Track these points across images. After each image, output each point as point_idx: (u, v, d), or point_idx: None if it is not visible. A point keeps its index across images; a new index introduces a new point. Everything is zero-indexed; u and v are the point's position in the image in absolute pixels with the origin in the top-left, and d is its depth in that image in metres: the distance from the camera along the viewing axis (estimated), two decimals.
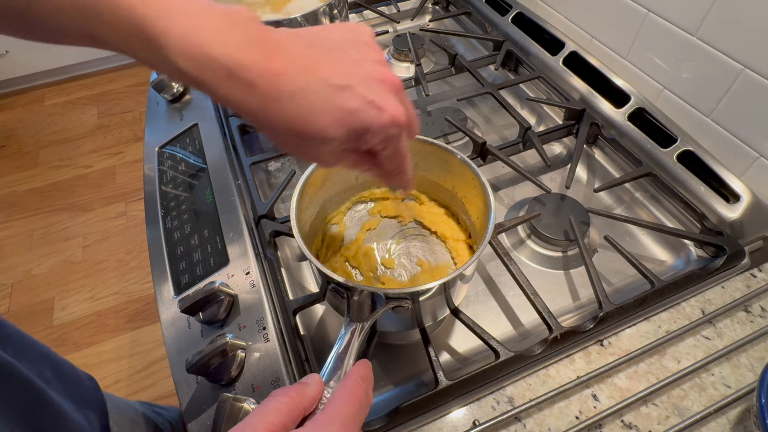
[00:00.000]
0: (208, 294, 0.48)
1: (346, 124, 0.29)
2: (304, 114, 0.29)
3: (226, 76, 0.27)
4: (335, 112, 0.29)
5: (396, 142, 0.32)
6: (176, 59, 0.26)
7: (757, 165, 0.59)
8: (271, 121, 0.29)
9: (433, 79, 0.80)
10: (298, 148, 0.31)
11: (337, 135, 0.29)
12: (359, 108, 0.29)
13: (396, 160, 0.34)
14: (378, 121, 0.30)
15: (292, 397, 0.28)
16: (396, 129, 0.31)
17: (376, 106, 0.30)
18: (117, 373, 1.38)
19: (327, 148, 0.30)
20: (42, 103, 2.28)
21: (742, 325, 0.50)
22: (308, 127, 0.29)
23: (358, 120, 0.29)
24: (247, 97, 0.28)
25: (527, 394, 0.46)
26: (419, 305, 0.42)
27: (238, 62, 0.27)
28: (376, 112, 0.30)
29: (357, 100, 0.29)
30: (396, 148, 0.33)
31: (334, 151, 0.31)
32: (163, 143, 0.72)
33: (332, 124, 0.29)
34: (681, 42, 0.63)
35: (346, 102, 0.29)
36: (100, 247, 1.70)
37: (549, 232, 0.58)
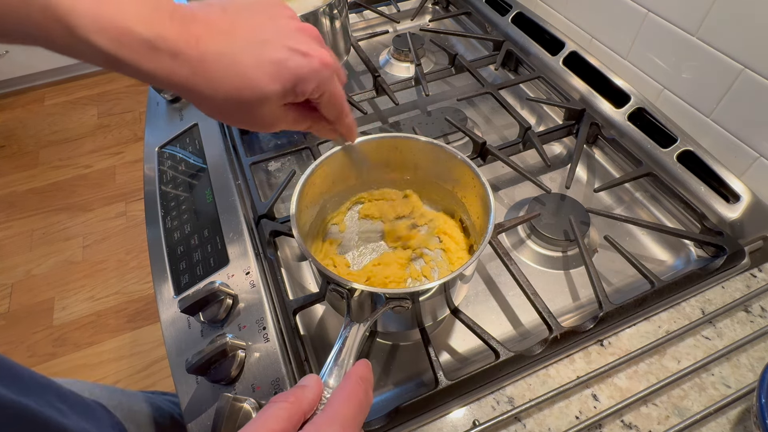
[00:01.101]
0: (208, 294, 0.48)
1: (278, 76, 0.30)
2: (235, 73, 0.29)
3: (147, 50, 0.27)
4: (266, 66, 0.29)
5: (330, 84, 0.33)
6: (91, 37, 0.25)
7: (757, 165, 0.59)
8: (201, 89, 0.29)
9: (433, 79, 0.80)
10: (240, 115, 0.31)
11: (273, 89, 0.30)
12: (287, 57, 0.30)
13: (335, 104, 0.35)
14: (308, 65, 0.30)
15: (291, 402, 0.28)
16: (327, 70, 0.32)
17: (301, 52, 0.30)
18: (117, 373, 1.38)
19: (266, 107, 0.31)
20: (42, 103, 2.28)
21: (742, 325, 0.50)
22: (242, 85, 0.29)
23: (289, 69, 0.30)
24: (174, 67, 0.28)
25: (527, 394, 0.46)
26: (419, 305, 0.42)
27: (158, 33, 0.27)
28: (303, 58, 0.30)
29: (282, 51, 0.30)
30: (332, 92, 0.33)
31: (274, 110, 0.31)
32: (163, 143, 0.72)
33: (266, 78, 0.29)
34: (681, 42, 0.63)
35: (272, 54, 0.29)
36: (100, 247, 1.70)
37: (549, 232, 0.58)
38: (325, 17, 0.67)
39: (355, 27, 0.99)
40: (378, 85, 0.77)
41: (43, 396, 0.45)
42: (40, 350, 1.43)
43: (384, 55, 0.91)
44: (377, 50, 0.93)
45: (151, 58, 0.27)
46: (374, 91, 0.77)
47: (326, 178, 0.50)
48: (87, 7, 0.25)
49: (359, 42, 0.88)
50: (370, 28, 0.98)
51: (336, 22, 0.70)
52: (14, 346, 1.44)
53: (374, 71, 0.77)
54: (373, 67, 0.78)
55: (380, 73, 0.77)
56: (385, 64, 0.90)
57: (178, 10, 0.28)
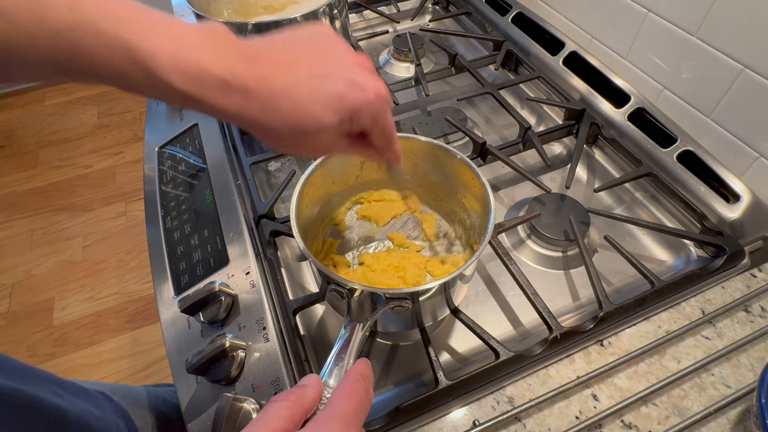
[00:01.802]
0: (208, 294, 0.48)
1: (337, 109, 0.31)
2: (300, 107, 0.31)
3: (221, 88, 0.29)
4: (325, 99, 0.31)
5: (383, 115, 0.35)
6: (169, 78, 0.27)
7: (757, 165, 0.59)
8: (269, 123, 0.31)
9: (433, 79, 0.80)
10: (299, 144, 0.33)
11: (331, 120, 0.32)
12: (345, 91, 0.32)
13: (386, 132, 0.37)
14: (365, 98, 0.32)
15: (292, 401, 0.28)
16: (381, 103, 0.34)
17: (359, 86, 0.32)
18: (117, 373, 1.38)
19: (324, 136, 0.33)
20: (42, 103, 2.28)
21: (742, 325, 0.50)
22: (306, 118, 0.31)
23: (347, 102, 0.32)
24: (245, 103, 0.29)
25: (527, 394, 0.46)
26: (419, 305, 0.42)
27: (231, 72, 0.29)
28: (361, 92, 0.32)
29: (341, 85, 0.32)
30: (384, 122, 0.35)
31: (331, 139, 0.33)
32: (163, 143, 0.72)
33: (325, 111, 0.31)
34: (681, 42, 0.63)
35: (332, 88, 0.31)
36: (100, 247, 1.70)
37: (549, 232, 0.58)
38: (325, 17, 0.67)
39: (355, 27, 0.99)
40: None
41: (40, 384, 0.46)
42: (40, 350, 1.43)
43: (384, 55, 0.91)
44: (377, 50, 0.93)
45: (225, 96, 0.29)
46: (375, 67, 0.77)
47: (326, 178, 0.50)
48: (166, 50, 0.27)
49: (359, 42, 0.88)
50: (370, 28, 0.98)
51: (336, 22, 0.70)
52: (14, 346, 1.44)
53: None
54: None
55: (380, 73, 0.77)
56: (385, 64, 0.90)
57: (245, 49, 0.30)
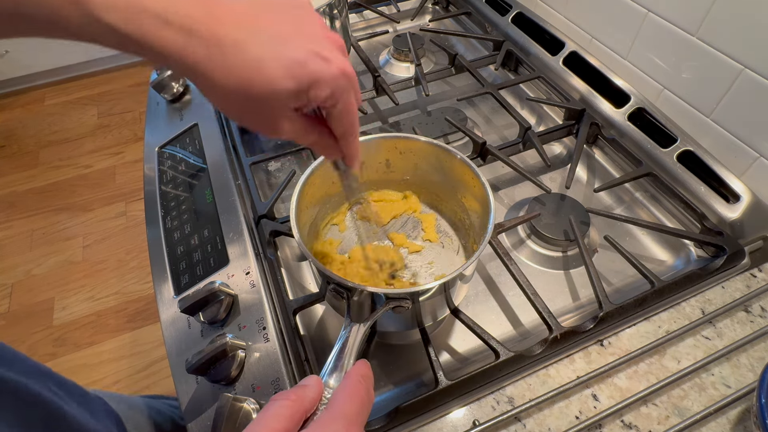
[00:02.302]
0: (208, 294, 0.48)
1: (295, 75, 0.28)
2: (251, 64, 0.28)
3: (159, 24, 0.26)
4: (283, 62, 0.28)
5: (345, 95, 0.31)
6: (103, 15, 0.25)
7: (757, 165, 0.59)
8: (214, 73, 0.27)
9: (433, 79, 0.80)
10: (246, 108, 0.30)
11: (286, 86, 0.28)
12: (307, 58, 0.29)
13: (346, 118, 0.33)
14: (327, 71, 0.29)
15: (293, 400, 0.28)
16: (345, 80, 0.30)
17: (323, 57, 0.29)
18: (117, 373, 1.38)
19: (276, 104, 0.29)
20: (42, 103, 2.28)
21: (742, 325, 0.50)
22: (256, 78, 0.28)
23: (307, 70, 0.29)
24: (186, 46, 0.26)
25: (527, 394, 0.46)
26: (419, 305, 0.42)
27: (173, 9, 0.26)
28: (324, 63, 0.29)
29: (303, 51, 0.29)
30: (345, 104, 0.32)
31: (282, 109, 0.30)
32: (163, 143, 0.72)
33: (281, 74, 0.28)
34: (681, 42, 0.63)
35: (293, 53, 0.28)
36: (100, 247, 1.70)
37: (549, 232, 0.58)
38: (325, 17, 0.67)
39: (355, 27, 0.99)
40: (378, 85, 0.77)
41: (41, 380, 0.46)
42: (40, 350, 1.43)
43: (384, 55, 0.91)
44: (377, 50, 0.93)
45: (162, 34, 0.26)
46: (374, 91, 0.77)
47: (326, 178, 0.50)
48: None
49: (359, 42, 0.88)
50: (370, 28, 0.98)
51: (336, 22, 0.70)
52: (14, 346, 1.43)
53: (374, 71, 0.77)
54: (373, 67, 0.78)
55: (380, 73, 0.77)
56: (385, 64, 0.90)
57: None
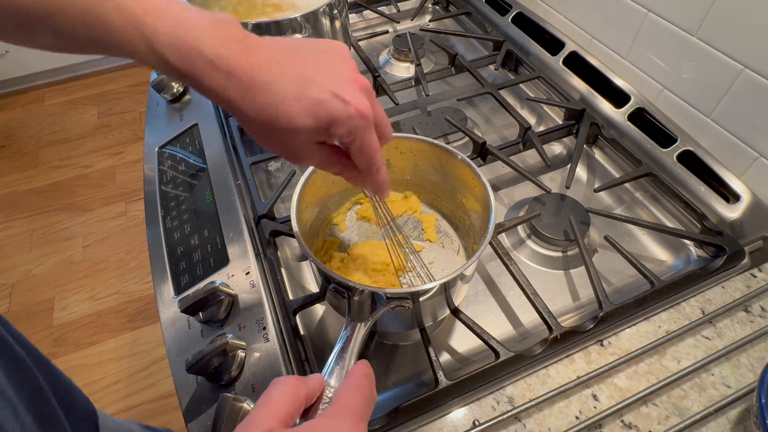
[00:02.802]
0: (208, 294, 0.48)
1: (314, 114, 0.32)
2: (276, 103, 0.32)
3: (208, 66, 0.31)
4: (305, 101, 0.32)
5: (363, 134, 0.35)
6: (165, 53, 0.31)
7: (757, 165, 0.59)
8: (246, 110, 0.32)
9: (433, 79, 0.80)
10: (273, 140, 0.34)
11: (305, 123, 0.32)
12: (326, 99, 0.32)
13: (365, 155, 0.36)
14: (344, 111, 0.33)
15: (293, 383, 0.28)
16: (361, 121, 0.34)
17: (341, 99, 0.33)
18: (117, 373, 1.38)
19: (298, 138, 0.33)
20: (42, 103, 2.28)
21: (742, 325, 0.50)
22: (279, 114, 0.32)
23: (325, 109, 0.32)
24: (227, 85, 0.31)
25: (527, 394, 0.46)
26: (419, 305, 0.43)
27: (219, 54, 0.31)
28: (341, 104, 0.33)
29: (325, 93, 0.32)
30: (363, 142, 0.35)
31: (305, 143, 0.34)
32: (163, 143, 0.72)
33: (301, 113, 0.32)
34: (681, 42, 0.63)
35: (314, 93, 0.32)
36: (100, 247, 1.70)
37: (549, 232, 0.58)
38: (325, 17, 0.67)
39: (355, 27, 0.99)
40: (378, 85, 0.77)
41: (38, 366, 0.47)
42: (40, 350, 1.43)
43: (384, 55, 0.91)
44: (377, 50, 0.93)
45: (210, 74, 0.31)
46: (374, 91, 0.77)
47: (326, 179, 0.50)
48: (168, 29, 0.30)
49: (359, 42, 0.88)
50: (370, 28, 0.98)
51: (336, 22, 0.70)
52: None
53: (374, 71, 0.77)
54: (373, 67, 0.78)
55: (380, 73, 0.77)
56: (385, 64, 0.90)
57: (245, 39, 0.32)
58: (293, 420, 0.27)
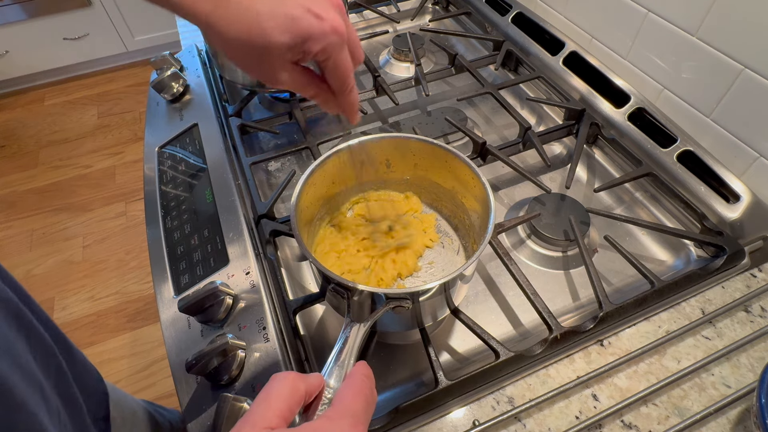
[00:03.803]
0: (208, 294, 0.48)
1: (289, 30, 0.32)
2: (251, 19, 0.32)
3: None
4: (279, 18, 0.32)
5: (337, 51, 0.35)
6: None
7: (757, 165, 0.59)
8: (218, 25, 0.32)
9: (433, 79, 0.80)
10: (247, 57, 0.34)
11: (282, 40, 0.32)
12: (301, 15, 0.32)
13: (339, 74, 0.36)
14: (318, 27, 0.33)
15: (292, 378, 0.28)
16: (335, 37, 0.34)
17: (315, 14, 0.33)
18: (117, 373, 1.38)
19: (272, 55, 0.33)
20: (42, 103, 2.28)
21: (742, 325, 0.50)
22: (254, 31, 0.32)
23: (300, 26, 0.32)
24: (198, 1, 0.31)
25: (527, 394, 0.46)
26: (419, 305, 0.42)
27: None
28: (316, 20, 0.33)
29: (298, 9, 0.32)
30: (338, 59, 0.35)
31: (279, 60, 0.34)
32: (163, 143, 0.72)
33: (277, 29, 0.32)
34: (681, 42, 0.63)
35: (288, 10, 0.32)
36: (100, 247, 1.70)
37: (549, 232, 0.58)
38: None
39: (355, 27, 0.99)
40: (378, 85, 0.77)
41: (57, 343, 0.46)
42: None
43: (384, 55, 0.91)
44: (377, 50, 0.93)
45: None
46: (374, 91, 0.77)
47: (326, 179, 0.50)
48: None
49: None
50: (370, 28, 0.98)
51: None
52: None
53: (374, 71, 0.77)
54: (373, 67, 0.78)
55: (380, 73, 0.77)
56: (385, 64, 0.90)
57: None
58: (293, 415, 0.27)
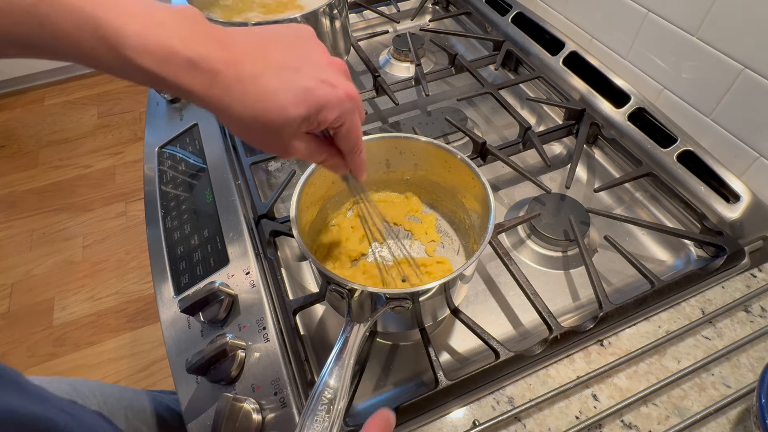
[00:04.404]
0: (208, 294, 0.48)
1: (305, 102, 0.32)
2: (265, 96, 0.31)
3: (188, 68, 0.28)
4: (294, 91, 0.31)
5: (351, 116, 0.35)
6: (136, 58, 0.27)
7: (757, 165, 0.59)
8: (234, 108, 0.31)
9: (433, 79, 0.80)
10: (262, 134, 0.33)
11: (298, 113, 0.32)
12: (315, 86, 0.32)
13: (352, 137, 0.37)
14: (334, 95, 0.33)
15: None
16: (350, 103, 0.34)
17: (329, 83, 0.33)
18: (117, 373, 1.38)
19: (288, 129, 0.33)
20: (42, 103, 2.27)
21: (742, 325, 0.50)
22: (269, 107, 0.31)
23: (316, 96, 0.32)
24: (211, 85, 0.29)
25: (527, 394, 0.46)
26: (419, 305, 0.42)
27: (200, 53, 0.28)
28: (330, 89, 0.33)
29: (312, 80, 0.32)
30: (351, 123, 0.35)
31: (294, 133, 0.33)
32: (163, 143, 0.72)
33: (293, 102, 0.31)
34: (681, 42, 0.63)
35: (302, 82, 0.32)
36: (100, 247, 1.70)
37: (549, 232, 0.58)
38: (325, 17, 0.67)
39: (355, 27, 0.99)
40: (378, 85, 0.77)
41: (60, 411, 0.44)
42: (40, 350, 1.43)
43: (384, 55, 0.91)
44: (377, 50, 0.93)
45: (192, 76, 0.29)
46: (374, 91, 0.77)
47: (326, 179, 0.50)
48: (134, 30, 0.27)
49: (359, 42, 0.88)
50: (370, 28, 0.98)
51: (336, 22, 0.70)
52: (14, 346, 1.44)
53: (374, 71, 0.77)
54: (373, 67, 0.78)
55: (380, 73, 0.77)
56: (385, 64, 0.90)
57: (218, 34, 0.30)
58: None
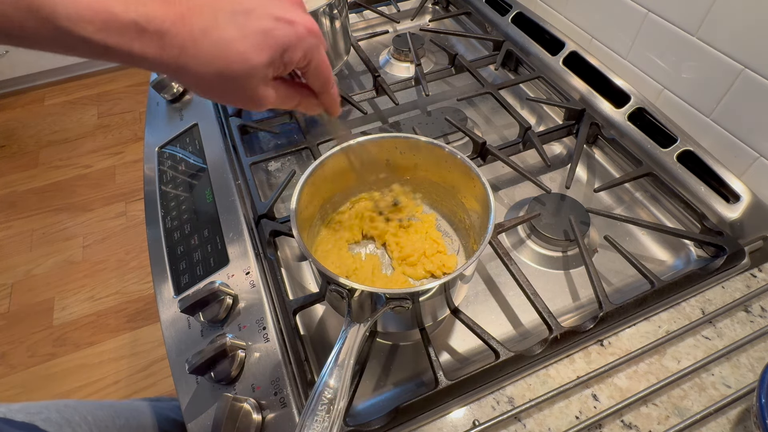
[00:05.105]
0: (208, 294, 0.48)
1: (266, 46, 0.29)
2: (223, 47, 0.28)
3: (135, 33, 0.26)
4: (252, 36, 0.29)
5: (317, 51, 0.32)
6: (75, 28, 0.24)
7: (757, 165, 0.59)
8: (190, 67, 0.28)
9: (433, 79, 0.80)
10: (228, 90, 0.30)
11: (261, 59, 0.29)
12: (273, 26, 0.29)
13: (321, 72, 0.34)
14: (294, 33, 0.30)
15: None
16: (313, 38, 0.31)
17: (286, 20, 0.30)
18: (117, 373, 1.38)
19: (254, 78, 0.30)
20: (42, 103, 2.28)
21: (742, 325, 0.50)
22: (230, 58, 0.28)
23: (276, 38, 0.29)
24: (162, 47, 0.27)
25: (527, 394, 0.46)
26: (419, 305, 0.42)
27: (144, 14, 0.26)
28: (290, 27, 0.30)
29: (268, 20, 0.29)
30: (319, 59, 0.33)
31: (261, 81, 0.31)
32: (163, 143, 0.72)
33: (253, 49, 0.29)
34: (681, 42, 0.63)
35: (258, 24, 0.29)
36: (100, 247, 1.70)
37: (549, 232, 0.58)
38: (325, 17, 0.67)
39: (355, 27, 0.99)
40: (378, 85, 0.77)
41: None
42: (40, 350, 1.43)
43: (384, 55, 0.91)
44: (377, 50, 0.93)
45: (140, 42, 0.26)
46: (374, 91, 0.77)
47: (326, 178, 0.50)
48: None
49: (359, 42, 0.88)
50: (370, 28, 0.98)
51: (336, 22, 0.70)
52: (14, 346, 1.44)
53: (374, 71, 0.77)
54: (373, 67, 0.78)
55: (380, 73, 0.77)
56: (385, 64, 0.90)
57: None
58: None
